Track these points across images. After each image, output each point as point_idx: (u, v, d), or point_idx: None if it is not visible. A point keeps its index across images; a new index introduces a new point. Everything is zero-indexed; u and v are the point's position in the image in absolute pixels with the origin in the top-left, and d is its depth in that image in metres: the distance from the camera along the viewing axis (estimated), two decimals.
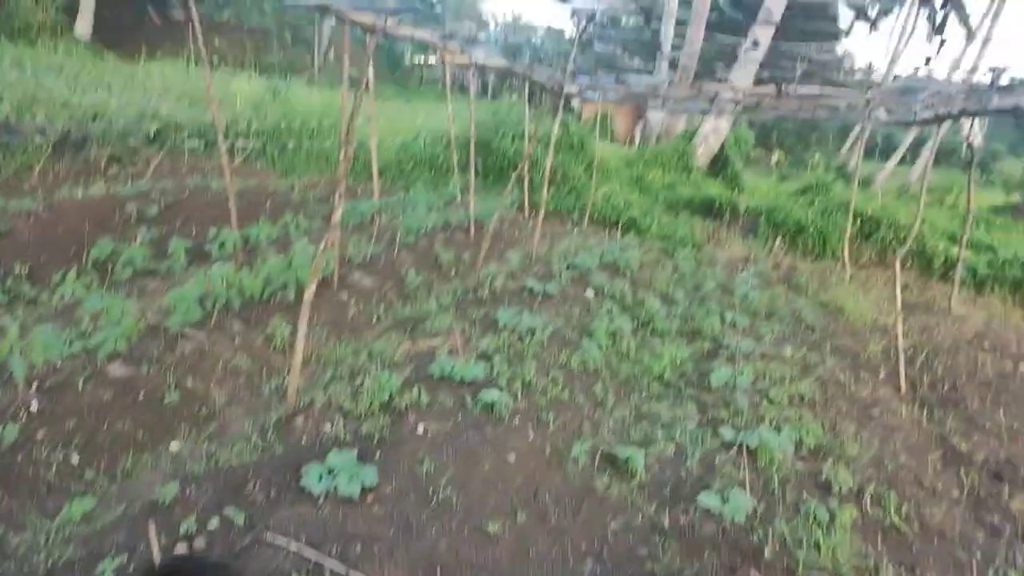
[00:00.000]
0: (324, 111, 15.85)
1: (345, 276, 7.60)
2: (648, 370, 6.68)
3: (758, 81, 21.12)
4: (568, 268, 9.50)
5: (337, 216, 5.03)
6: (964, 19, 30.40)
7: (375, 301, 7.48)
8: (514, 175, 9.41)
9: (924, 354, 8.05)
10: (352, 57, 7.51)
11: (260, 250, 7.90)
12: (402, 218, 10.32)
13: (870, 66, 41.94)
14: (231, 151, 12.53)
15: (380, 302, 7.51)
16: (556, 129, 9.68)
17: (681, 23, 24.17)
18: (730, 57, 25.35)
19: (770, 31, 20.34)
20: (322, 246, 4.99)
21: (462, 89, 30.81)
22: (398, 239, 9.20)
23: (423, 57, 41.61)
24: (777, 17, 20.13)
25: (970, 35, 30.74)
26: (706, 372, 6.67)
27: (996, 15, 28.48)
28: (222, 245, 7.70)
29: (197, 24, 6.18)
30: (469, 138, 10.99)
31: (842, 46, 38.66)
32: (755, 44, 19.73)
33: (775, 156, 35.83)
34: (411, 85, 38.19)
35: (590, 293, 8.73)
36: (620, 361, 6.82)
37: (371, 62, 5.85)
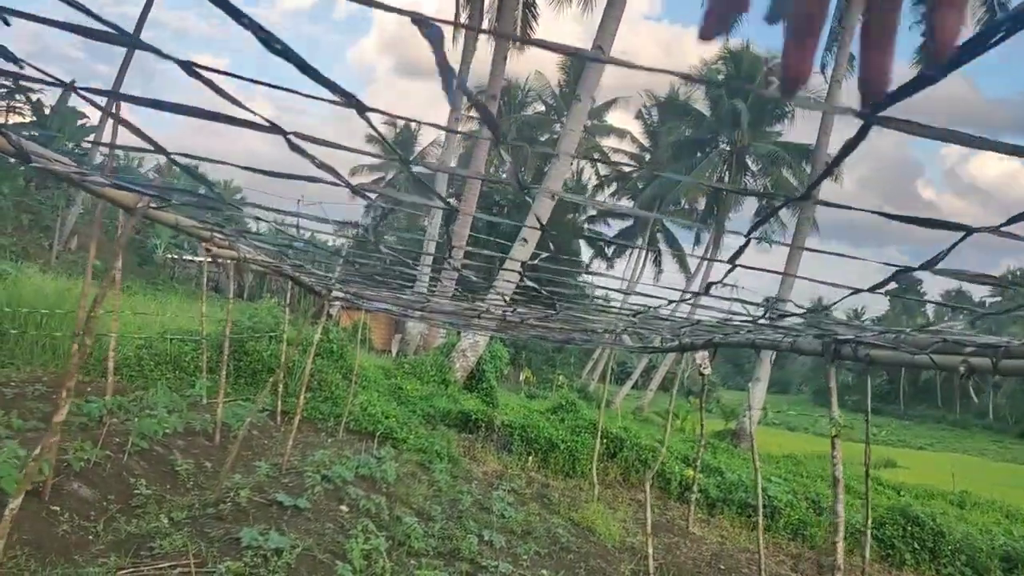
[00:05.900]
0: (58, 300, 14.45)
1: (61, 485, 6.54)
2: None
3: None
4: (322, 480, 8.93)
5: (61, 416, 4.37)
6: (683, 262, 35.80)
7: (94, 516, 6.47)
8: (270, 381, 8.94)
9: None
10: (100, 246, 6.99)
11: None
12: (137, 421, 9.31)
13: (606, 295, 46.52)
14: None
15: (100, 517, 6.51)
16: (319, 334, 9.46)
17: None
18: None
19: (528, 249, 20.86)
20: (37, 450, 4.27)
21: (216, 289, 29.87)
22: (129, 444, 8.21)
23: (179, 253, 40.29)
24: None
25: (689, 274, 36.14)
26: None
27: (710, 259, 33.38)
28: None
29: None
30: (222, 338, 10.42)
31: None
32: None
33: (523, 374, 37.58)
34: (161, 280, 36.35)
35: (344, 508, 8.20)
36: None
37: (121, 248, 5.45)
